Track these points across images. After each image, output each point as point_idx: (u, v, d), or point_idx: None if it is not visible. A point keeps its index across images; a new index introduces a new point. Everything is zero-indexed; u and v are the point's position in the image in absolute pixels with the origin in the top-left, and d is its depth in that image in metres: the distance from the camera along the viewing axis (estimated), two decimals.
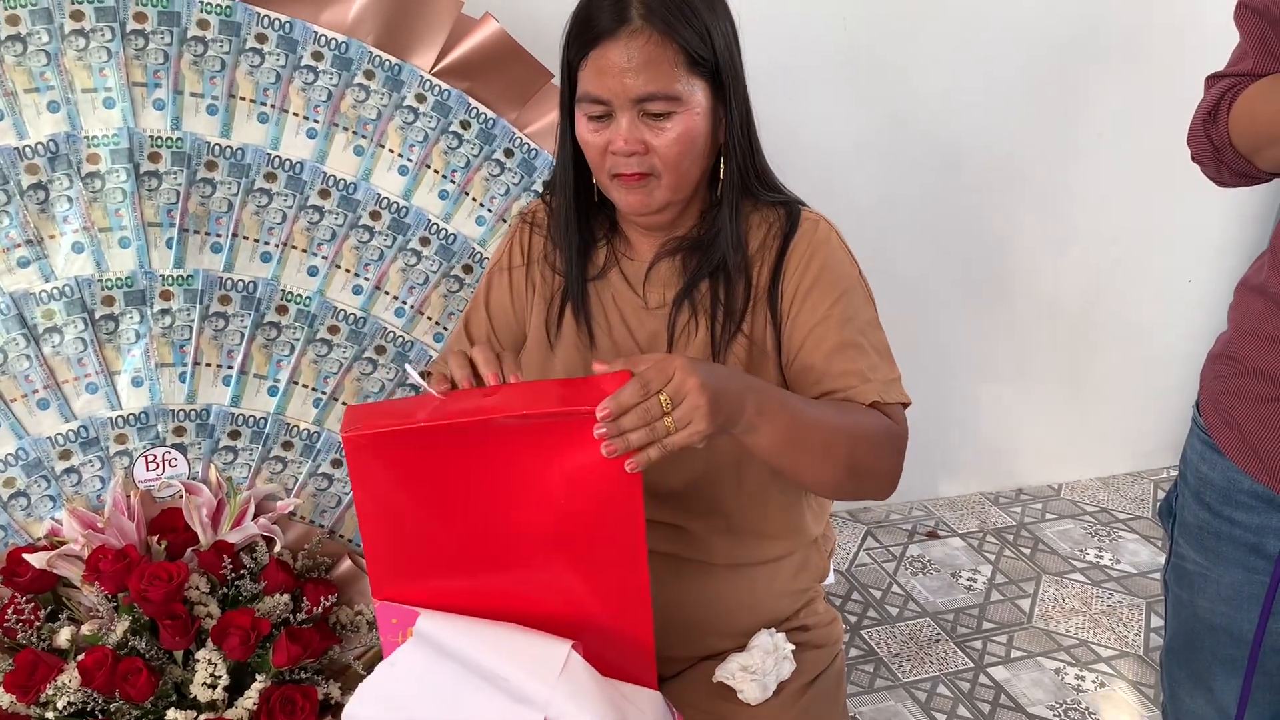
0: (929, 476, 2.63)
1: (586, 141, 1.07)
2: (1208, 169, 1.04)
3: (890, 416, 1.05)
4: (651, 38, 1.01)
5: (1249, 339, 1.03)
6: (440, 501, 0.90)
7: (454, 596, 0.93)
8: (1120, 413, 2.74)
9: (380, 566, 0.93)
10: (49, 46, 1.26)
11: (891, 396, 1.06)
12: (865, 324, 1.10)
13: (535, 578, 0.93)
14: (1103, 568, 2.37)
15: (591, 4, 1.04)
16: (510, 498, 0.90)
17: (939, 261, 2.38)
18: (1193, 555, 1.10)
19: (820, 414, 0.98)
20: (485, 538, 0.92)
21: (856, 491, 1.03)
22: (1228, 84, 0.99)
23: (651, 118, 1.03)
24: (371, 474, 0.89)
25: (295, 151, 1.38)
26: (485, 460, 0.89)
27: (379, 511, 0.91)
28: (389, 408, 0.92)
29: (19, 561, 1.23)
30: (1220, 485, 1.05)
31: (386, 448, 0.88)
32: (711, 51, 1.04)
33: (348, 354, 1.41)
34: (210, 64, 1.33)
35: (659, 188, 1.07)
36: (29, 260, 1.27)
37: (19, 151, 1.26)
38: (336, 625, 1.34)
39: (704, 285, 1.13)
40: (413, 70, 1.41)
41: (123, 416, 1.32)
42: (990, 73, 2.23)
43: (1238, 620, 1.05)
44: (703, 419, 0.86)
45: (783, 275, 1.12)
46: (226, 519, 1.33)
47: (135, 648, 1.19)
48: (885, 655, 2.05)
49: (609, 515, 0.90)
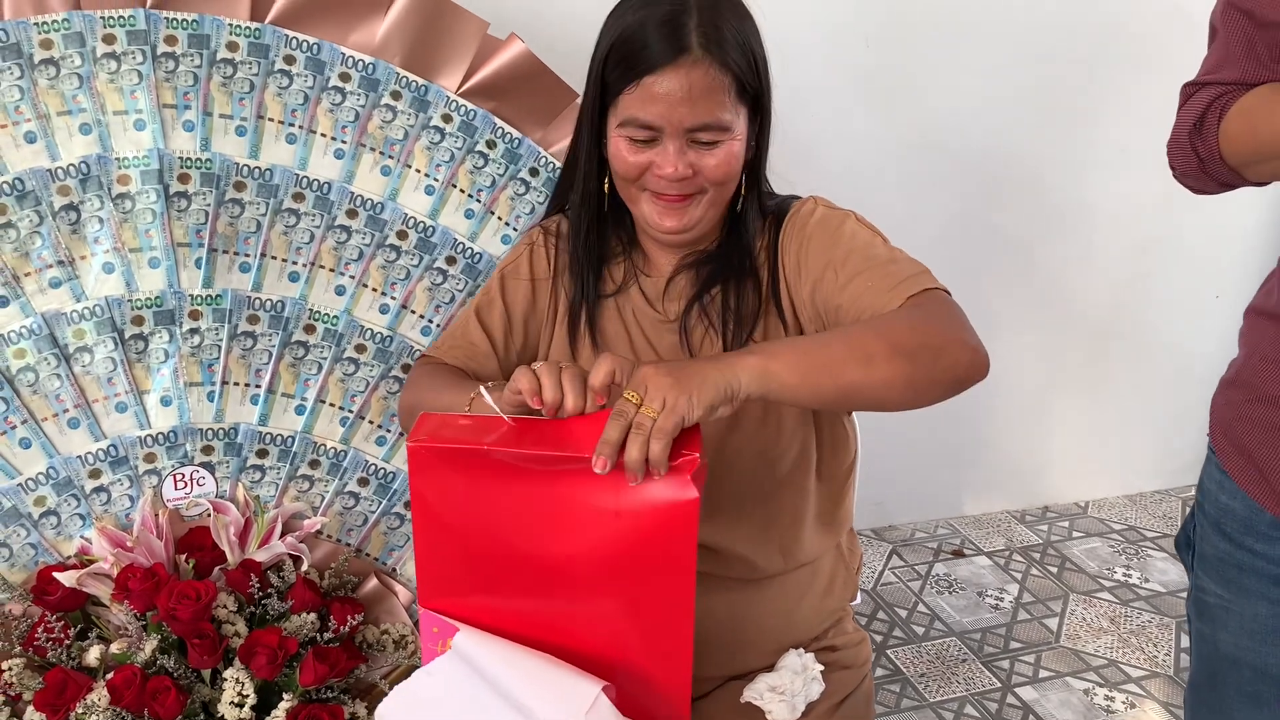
0: (954, 494, 2.61)
1: (625, 160, 1.06)
2: (1188, 180, 0.99)
3: (931, 299, 0.97)
4: (710, 69, 1.00)
5: (1261, 364, 0.99)
6: (495, 523, 0.90)
7: (498, 617, 0.93)
8: (1147, 429, 2.72)
9: (429, 575, 0.94)
10: (81, 70, 1.28)
11: (921, 285, 0.98)
12: (868, 243, 1.06)
13: (579, 612, 0.92)
14: (1131, 586, 2.35)
15: (645, 29, 1.01)
16: (565, 530, 0.89)
17: (963, 278, 2.35)
18: (1214, 588, 1.06)
19: (846, 331, 0.94)
20: (535, 566, 0.91)
21: (941, 375, 0.91)
22: (1213, 93, 0.95)
23: (699, 144, 1.03)
24: (431, 485, 0.90)
25: (323, 172, 1.39)
26: (545, 491, 0.88)
27: (434, 522, 0.92)
28: (459, 422, 0.91)
29: (49, 580, 1.24)
30: (1242, 515, 1.01)
31: (449, 463, 0.88)
32: (757, 79, 1.05)
33: (374, 372, 1.41)
34: (239, 86, 1.35)
35: (701, 203, 1.08)
36: (60, 281, 1.29)
37: (51, 173, 1.27)
38: (363, 644, 1.34)
39: (715, 293, 1.13)
40: (439, 91, 1.42)
41: (152, 435, 1.33)
42: (1012, 88, 2.23)
43: (1262, 654, 1.01)
44: (674, 392, 0.81)
45: (779, 256, 1.12)
46: (254, 538, 1.34)
47: (164, 666, 1.20)
48: (912, 675, 2.04)
49: (661, 562, 0.89)
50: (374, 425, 1.42)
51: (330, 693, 1.26)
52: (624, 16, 1.05)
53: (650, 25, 1.01)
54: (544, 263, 1.21)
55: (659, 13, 1.01)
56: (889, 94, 2.15)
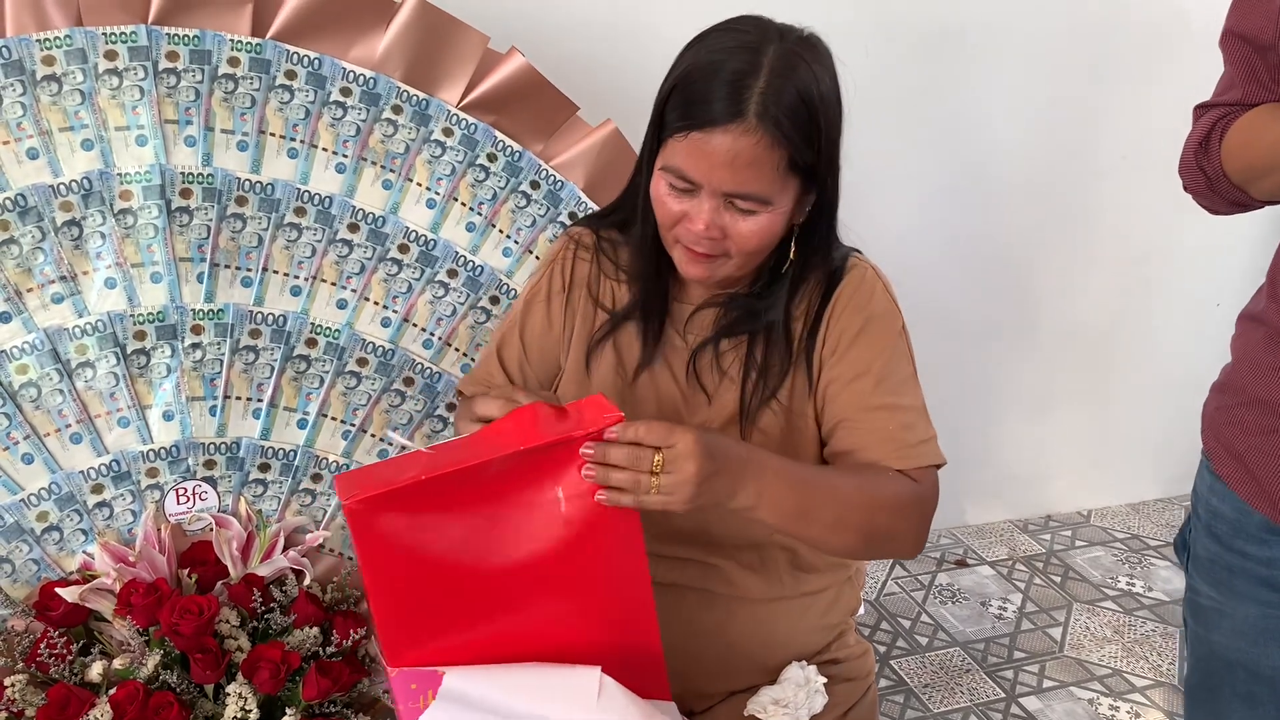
0: (956, 504, 2.61)
1: (663, 203, 1.03)
2: (1200, 199, 1.03)
3: (918, 479, 1.02)
4: (761, 140, 0.95)
5: (1250, 369, 1.01)
6: (445, 554, 0.90)
7: (470, 649, 0.93)
8: (1149, 437, 2.71)
9: (391, 635, 0.93)
10: (83, 86, 1.28)
11: (924, 459, 1.03)
12: (901, 382, 1.07)
13: (546, 612, 0.93)
14: (1134, 595, 2.34)
15: (710, 81, 0.97)
16: (514, 537, 0.90)
17: (964, 286, 2.38)
18: (1206, 590, 1.08)
19: (834, 487, 0.97)
20: (493, 582, 0.92)
21: (874, 555, 1.03)
22: (1217, 114, 0.98)
23: (736, 209, 1.00)
24: (375, 538, 0.89)
25: (324, 186, 1.39)
26: (484, 504, 0.89)
27: (386, 578, 0.91)
28: (379, 470, 0.92)
29: (52, 596, 1.24)
30: (1231, 518, 1.03)
31: (386, 508, 0.88)
32: (816, 154, 0.99)
33: (376, 386, 1.42)
34: (241, 101, 1.35)
35: (727, 265, 1.05)
36: (63, 296, 1.29)
37: (53, 189, 1.28)
38: (365, 658, 1.34)
39: (741, 340, 1.11)
40: (440, 105, 1.43)
41: (154, 450, 1.33)
42: (1012, 96, 2.23)
43: (1254, 655, 1.03)
44: (683, 497, 0.87)
45: (824, 324, 1.09)
46: (256, 552, 1.34)
47: (166, 681, 1.19)
48: (915, 686, 2.03)
49: (608, 537, 0.90)
50: (376, 439, 1.42)
51: (333, 707, 1.25)
52: (699, 54, 1.00)
53: (717, 78, 0.96)
54: (561, 277, 1.20)
55: (729, 66, 0.96)
56: (888, 104, 2.15)
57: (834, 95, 1.01)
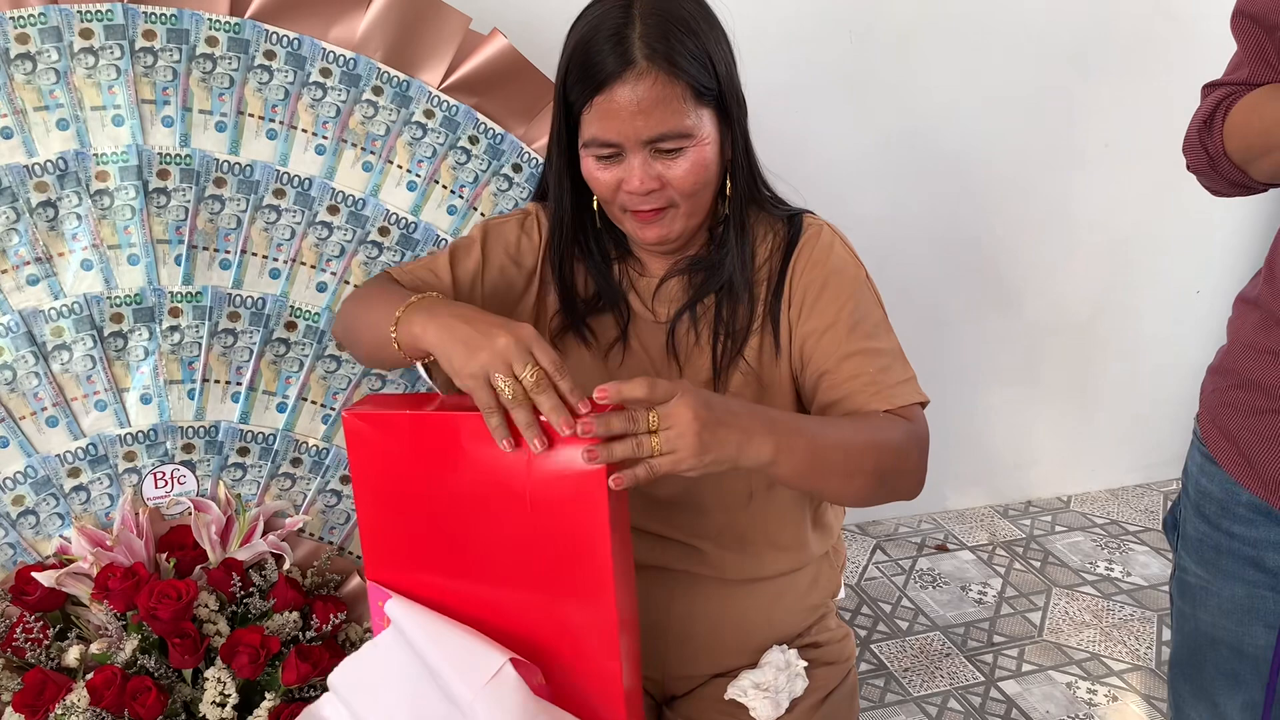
0: (937, 489, 2.63)
1: (596, 179, 1.06)
2: (1202, 178, 1.04)
3: (908, 417, 1.03)
4: (658, 78, 0.99)
5: (1245, 351, 1.03)
6: (430, 496, 0.93)
7: (443, 594, 0.96)
8: (1129, 424, 2.73)
9: (374, 546, 0.98)
10: (58, 64, 1.27)
11: (907, 398, 1.04)
12: (874, 326, 1.08)
13: (509, 598, 0.94)
14: (1113, 580, 2.36)
15: (591, 46, 1.00)
16: (494, 503, 0.91)
17: (945, 273, 2.38)
18: (1194, 568, 1.10)
19: (840, 434, 0.97)
20: (469, 543, 0.94)
21: (885, 498, 1.01)
22: (1223, 93, 0.99)
23: (663, 153, 1.02)
24: (367, 455, 0.94)
25: (304, 168, 1.38)
26: (473, 458, 0.90)
27: (374, 492, 0.96)
28: (397, 400, 0.99)
29: (28, 580, 1.23)
30: (1219, 498, 1.05)
31: (381, 431, 0.93)
32: (715, 79, 1.03)
33: (355, 370, 1.41)
34: (219, 81, 1.34)
35: (677, 217, 1.06)
36: (38, 278, 1.27)
37: (28, 169, 1.26)
38: (346, 643, 1.33)
39: (709, 302, 1.13)
40: (421, 86, 1.41)
41: (131, 434, 1.32)
42: (996, 83, 2.23)
43: (1239, 634, 1.05)
44: (688, 450, 0.84)
45: (787, 284, 1.11)
46: (235, 536, 1.33)
47: (144, 666, 1.19)
48: (896, 670, 2.04)
49: (573, 540, 0.89)
50: None
51: (313, 692, 1.25)
52: (579, 29, 1.03)
53: (596, 40, 1.00)
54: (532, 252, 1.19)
55: (605, 26, 1.00)
56: (871, 91, 2.15)
57: (710, 18, 1.05)
